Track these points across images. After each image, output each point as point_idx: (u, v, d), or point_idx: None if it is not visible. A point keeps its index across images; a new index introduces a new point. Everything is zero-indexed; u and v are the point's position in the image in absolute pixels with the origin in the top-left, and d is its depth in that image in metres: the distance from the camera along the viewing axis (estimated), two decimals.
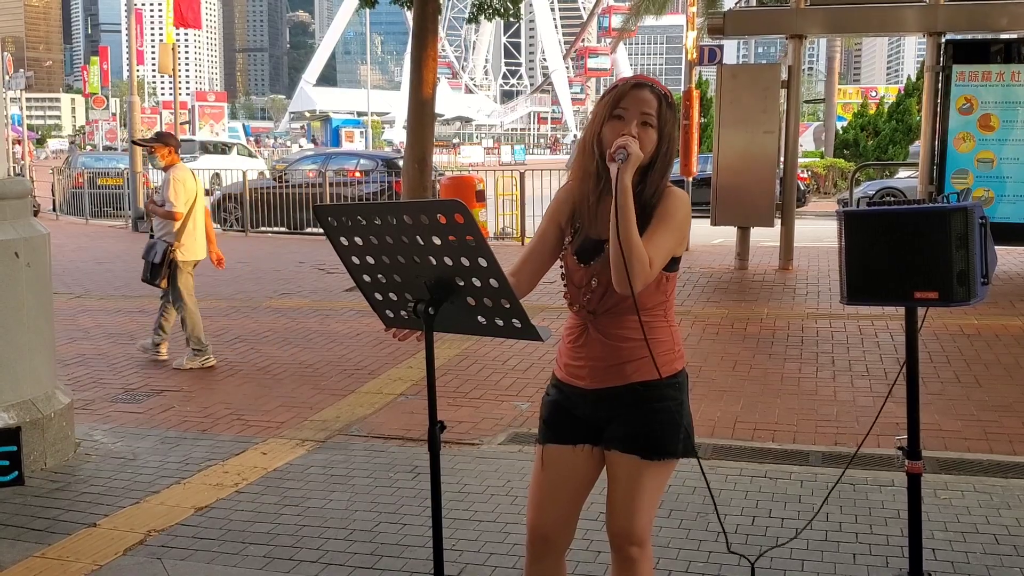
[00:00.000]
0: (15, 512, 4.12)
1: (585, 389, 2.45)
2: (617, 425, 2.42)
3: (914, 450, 2.81)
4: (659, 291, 2.41)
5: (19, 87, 28.28)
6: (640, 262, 2.23)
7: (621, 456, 2.42)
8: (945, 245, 2.58)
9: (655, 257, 2.28)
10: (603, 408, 2.44)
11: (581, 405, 2.47)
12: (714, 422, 5.36)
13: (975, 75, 9.72)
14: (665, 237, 2.32)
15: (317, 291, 10.23)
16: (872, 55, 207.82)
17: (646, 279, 2.26)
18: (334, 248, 2.33)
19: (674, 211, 2.36)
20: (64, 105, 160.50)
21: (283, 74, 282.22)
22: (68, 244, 14.76)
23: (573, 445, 2.48)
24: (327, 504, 4.20)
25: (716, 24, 11.09)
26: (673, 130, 2.38)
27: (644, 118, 2.32)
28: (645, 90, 2.35)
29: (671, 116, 2.36)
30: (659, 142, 2.35)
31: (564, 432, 2.50)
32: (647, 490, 2.42)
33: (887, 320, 7.82)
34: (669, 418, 2.41)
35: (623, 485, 2.42)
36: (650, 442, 2.39)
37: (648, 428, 2.38)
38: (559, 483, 2.49)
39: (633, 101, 2.33)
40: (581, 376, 2.46)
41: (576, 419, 2.49)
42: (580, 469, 2.49)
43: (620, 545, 2.45)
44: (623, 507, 2.42)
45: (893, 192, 19.37)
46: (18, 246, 4.60)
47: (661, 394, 2.41)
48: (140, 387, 6.29)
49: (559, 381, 2.53)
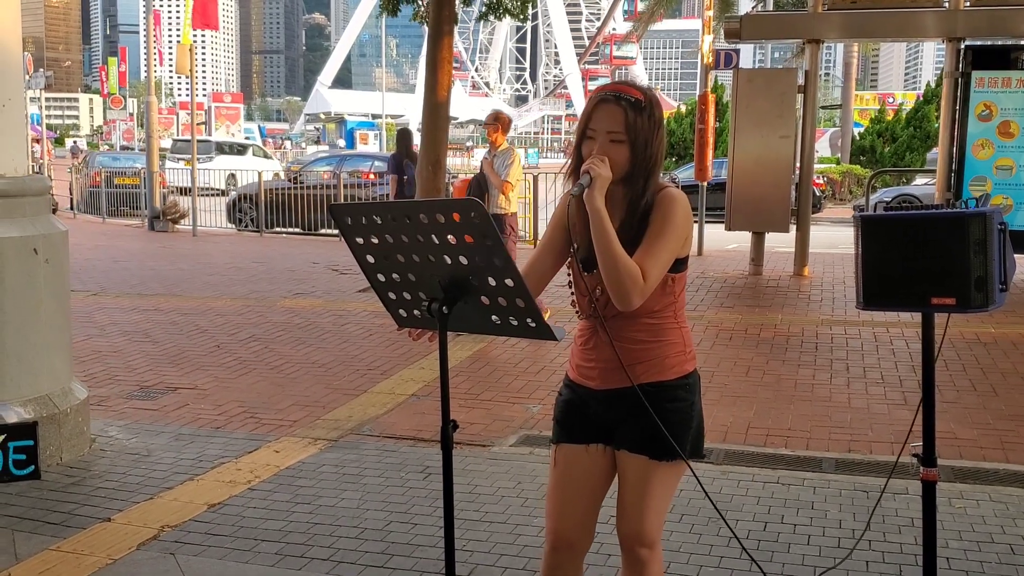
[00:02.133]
0: (31, 506, 4.14)
1: (596, 389, 2.46)
2: (627, 426, 2.43)
3: (929, 457, 2.79)
4: (666, 293, 2.40)
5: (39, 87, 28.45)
6: (631, 278, 2.24)
7: (631, 457, 2.42)
8: (963, 250, 2.56)
9: (651, 268, 2.27)
10: (614, 408, 2.44)
11: (593, 405, 2.48)
12: (727, 427, 5.34)
13: (995, 81, 9.67)
14: (663, 245, 2.31)
15: (331, 291, 10.26)
16: (890, 61, 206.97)
17: (642, 292, 2.27)
18: (349, 247, 2.34)
19: (671, 216, 2.34)
20: (82, 105, 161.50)
21: (299, 76, 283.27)
22: (85, 242, 14.85)
23: (586, 445, 2.49)
24: (339, 503, 4.21)
25: (733, 28, 11.05)
26: (649, 135, 2.33)
27: (611, 136, 2.31)
28: (611, 104, 2.32)
29: (644, 122, 2.31)
30: (631, 153, 2.32)
31: (576, 431, 2.50)
32: (657, 491, 2.41)
33: (902, 327, 7.78)
34: (679, 419, 2.41)
35: (633, 486, 2.43)
36: (659, 443, 2.39)
37: (657, 429, 2.38)
38: (574, 484, 2.49)
39: (599, 120, 2.33)
40: (592, 377, 2.46)
41: (588, 419, 2.49)
42: (594, 469, 2.49)
43: (630, 546, 2.45)
44: (633, 508, 2.42)
45: (910, 199, 19.28)
46: (37, 243, 4.63)
47: (672, 395, 2.41)
48: (155, 384, 6.32)
49: (571, 381, 2.54)
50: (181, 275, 11.59)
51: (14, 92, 4.68)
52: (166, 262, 13.02)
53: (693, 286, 10.14)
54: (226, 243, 15.70)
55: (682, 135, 28.16)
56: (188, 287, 10.55)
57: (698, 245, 12.98)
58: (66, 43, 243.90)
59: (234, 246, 15.19)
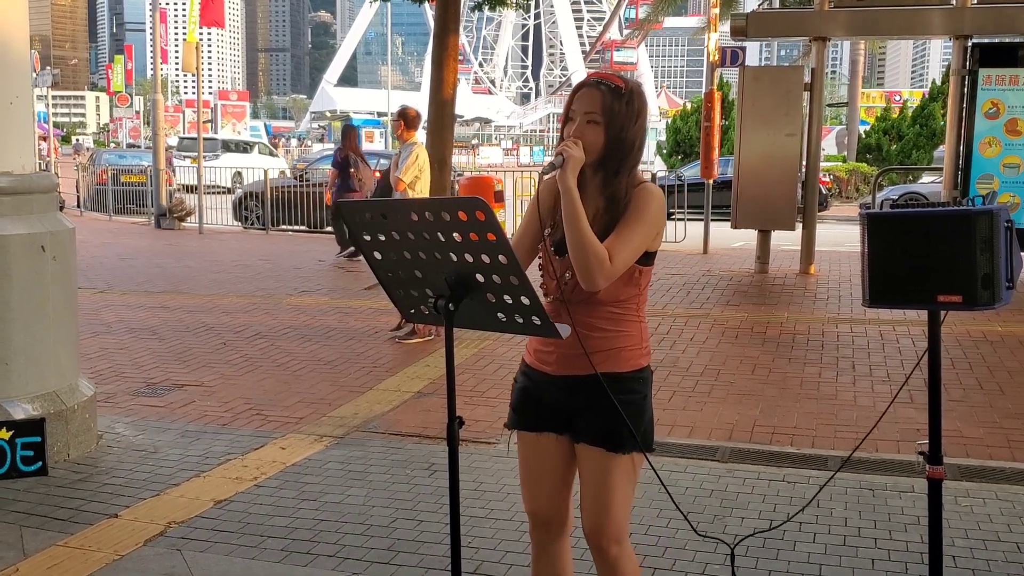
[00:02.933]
0: (39, 502, 4.16)
1: (553, 375, 2.50)
2: (584, 419, 2.47)
3: (936, 455, 2.78)
4: (632, 284, 2.44)
5: (45, 85, 28.56)
6: (597, 258, 2.28)
7: (589, 450, 2.47)
8: (970, 248, 2.55)
9: (619, 253, 2.32)
10: (571, 397, 2.48)
11: (549, 391, 2.52)
12: (732, 425, 5.34)
13: (1002, 79, 9.63)
14: (634, 233, 2.35)
15: (336, 289, 10.28)
16: (896, 58, 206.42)
17: (607, 274, 2.31)
18: (356, 244, 2.35)
19: (645, 207, 2.38)
20: (89, 103, 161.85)
21: (304, 74, 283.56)
22: (92, 240, 14.88)
23: (537, 433, 2.55)
24: (345, 499, 4.22)
25: (738, 26, 11.02)
26: (625, 121, 2.38)
27: (588, 117, 2.38)
28: (592, 88, 2.40)
29: (621, 107, 2.38)
30: (606, 135, 2.38)
31: (530, 419, 2.56)
32: (617, 485, 2.45)
33: (908, 325, 7.76)
34: (633, 411, 2.44)
35: (594, 481, 2.47)
36: (614, 435, 2.43)
37: (613, 422, 2.42)
38: (537, 467, 2.58)
39: (580, 102, 2.40)
40: (549, 363, 2.50)
41: (543, 405, 2.53)
42: (550, 454, 2.55)
43: (597, 543, 2.49)
44: (595, 503, 2.46)
45: (916, 197, 19.24)
46: (44, 240, 4.64)
47: (626, 387, 2.44)
48: (161, 381, 6.34)
49: (528, 367, 2.58)
50: (187, 272, 11.62)
51: (21, 90, 4.70)
52: (172, 259, 13.05)
53: (699, 284, 10.14)
54: (232, 241, 15.73)
55: (688, 133, 28.12)
56: (194, 284, 10.57)
57: (704, 243, 12.99)
58: (73, 41, 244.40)
59: (240, 244, 15.22)
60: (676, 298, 9.34)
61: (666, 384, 6.19)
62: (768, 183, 10.73)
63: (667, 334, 7.66)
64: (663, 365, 6.67)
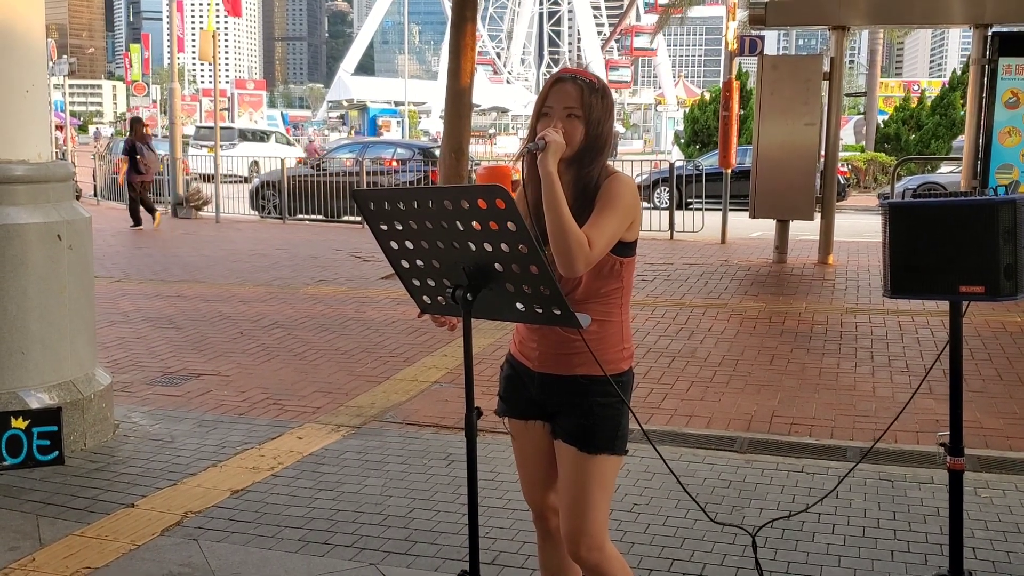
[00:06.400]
0: (55, 491, 4.18)
1: (532, 371, 2.51)
2: (562, 416, 2.48)
3: (956, 446, 2.75)
4: (613, 276, 2.43)
5: (62, 73, 28.58)
6: (578, 243, 2.27)
7: (564, 447, 2.47)
8: (993, 238, 2.52)
9: (597, 238, 2.30)
10: (549, 395, 2.49)
11: (530, 386, 2.53)
12: (751, 416, 5.32)
13: (1022, 68, 9.52)
14: (608, 218, 2.34)
15: (353, 279, 10.28)
16: (915, 48, 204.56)
17: (587, 259, 2.29)
18: (372, 233, 2.33)
19: (616, 195, 2.37)
20: (106, 92, 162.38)
21: (321, 63, 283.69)
22: (108, 228, 14.96)
23: (525, 420, 2.57)
24: (362, 489, 4.23)
25: (757, 14, 10.94)
26: (602, 115, 2.40)
27: (568, 111, 2.38)
28: (567, 83, 2.40)
29: (597, 102, 2.39)
30: (586, 129, 2.38)
31: (519, 407, 2.58)
32: (593, 486, 2.43)
33: (927, 316, 7.70)
34: (610, 414, 2.44)
35: (569, 481, 2.46)
36: (588, 436, 2.43)
37: (589, 422, 2.42)
38: (530, 453, 2.59)
39: (556, 97, 2.40)
40: (530, 357, 2.51)
41: (526, 396, 2.55)
42: (539, 441, 2.57)
43: (576, 551, 2.46)
44: (572, 505, 2.45)
45: (935, 187, 19.09)
46: (61, 228, 4.66)
47: (604, 391, 2.43)
48: (178, 370, 6.36)
49: (512, 356, 2.60)
50: (204, 262, 11.65)
51: (37, 79, 4.70)
52: (189, 249, 13.09)
53: (717, 274, 10.09)
54: (249, 230, 15.77)
55: (706, 122, 27.96)
56: (211, 274, 10.60)
57: (722, 233, 12.93)
58: (89, 30, 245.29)
59: (257, 233, 15.25)
60: (694, 288, 9.29)
61: (684, 375, 6.16)
62: (787, 173, 10.67)
63: (685, 324, 7.63)
64: (680, 355, 6.64)
